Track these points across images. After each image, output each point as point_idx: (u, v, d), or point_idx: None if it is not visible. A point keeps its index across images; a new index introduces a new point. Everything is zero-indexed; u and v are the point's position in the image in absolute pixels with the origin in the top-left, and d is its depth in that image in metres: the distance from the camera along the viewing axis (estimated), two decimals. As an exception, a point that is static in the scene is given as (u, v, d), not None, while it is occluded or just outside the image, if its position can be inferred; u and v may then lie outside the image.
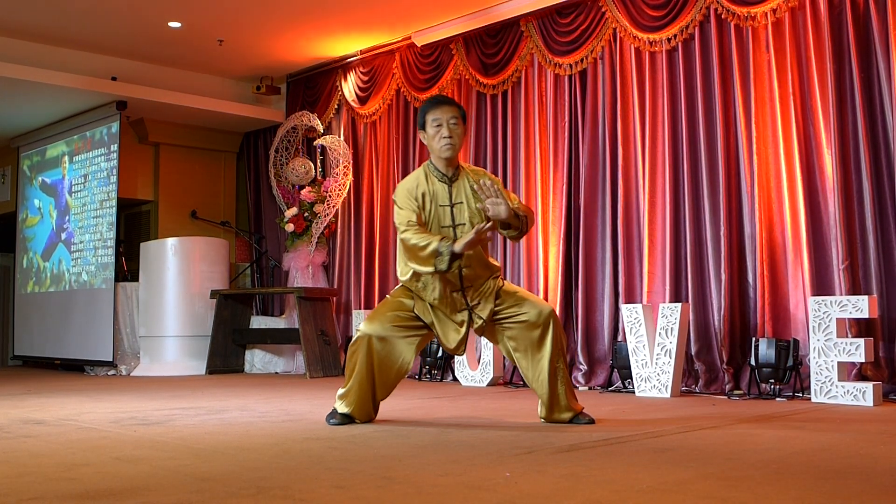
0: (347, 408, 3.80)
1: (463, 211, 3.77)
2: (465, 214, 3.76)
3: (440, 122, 3.74)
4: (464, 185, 3.80)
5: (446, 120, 3.74)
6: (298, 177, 8.17)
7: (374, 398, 3.83)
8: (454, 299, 3.77)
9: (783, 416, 4.04)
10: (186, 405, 4.79)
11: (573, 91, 6.37)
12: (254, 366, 8.01)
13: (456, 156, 3.81)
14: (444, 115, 3.74)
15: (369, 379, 3.77)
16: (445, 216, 3.77)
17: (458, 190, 3.79)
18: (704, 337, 5.51)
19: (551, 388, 3.74)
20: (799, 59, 5.28)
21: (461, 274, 3.75)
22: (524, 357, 3.78)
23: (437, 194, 3.78)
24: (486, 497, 2.22)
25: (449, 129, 3.73)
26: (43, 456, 3.00)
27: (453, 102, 3.83)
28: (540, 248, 6.44)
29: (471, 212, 3.76)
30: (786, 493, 2.24)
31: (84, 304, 8.44)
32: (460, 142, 3.79)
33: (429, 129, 3.77)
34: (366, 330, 3.77)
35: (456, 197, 3.78)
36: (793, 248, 5.23)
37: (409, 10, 6.95)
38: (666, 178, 5.76)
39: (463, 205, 3.78)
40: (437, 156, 3.79)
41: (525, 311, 3.74)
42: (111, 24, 7.28)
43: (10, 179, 10.34)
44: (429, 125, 3.77)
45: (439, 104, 3.78)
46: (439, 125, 3.74)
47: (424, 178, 3.81)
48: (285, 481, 2.45)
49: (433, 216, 3.78)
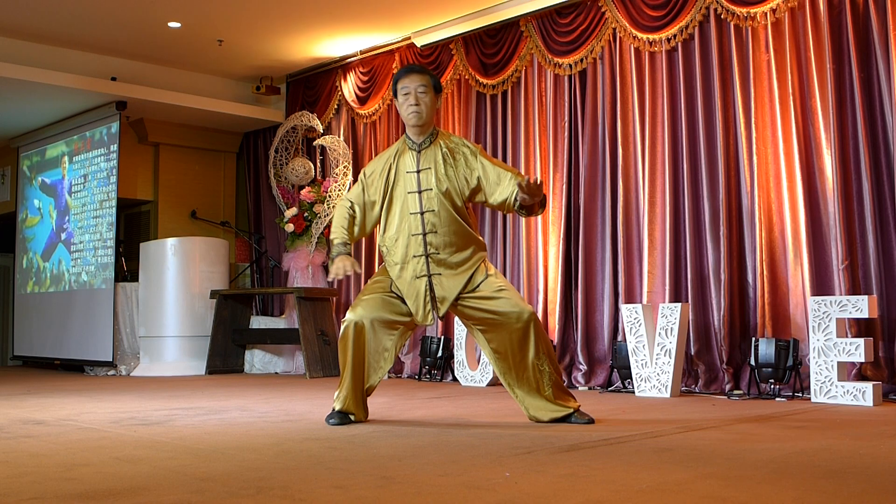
0: (342, 403, 3.81)
1: (430, 177, 3.79)
2: (431, 180, 3.78)
3: (408, 90, 3.78)
4: (434, 152, 3.82)
5: (414, 88, 3.78)
6: (298, 177, 8.18)
7: (365, 387, 3.85)
8: (415, 265, 3.78)
9: (783, 416, 4.04)
10: (186, 405, 4.79)
11: (573, 91, 6.37)
12: (254, 366, 8.01)
13: (424, 124, 3.82)
14: (413, 84, 3.78)
15: (360, 365, 3.79)
16: (411, 182, 3.81)
17: (427, 157, 3.81)
18: (704, 337, 5.51)
19: (539, 391, 3.75)
20: (799, 59, 5.28)
21: (425, 239, 3.76)
22: (504, 360, 3.76)
23: (405, 162, 3.83)
24: (486, 497, 2.22)
25: (416, 97, 3.77)
26: (43, 456, 3.00)
27: (424, 71, 3.88)
28: (540, 248, 6.44)
29: (437, 178, 3.78)
30: (786, 493, 2.24)
31: (84, 305, 8.44)
32: (429, 110, 3.81)
33: (399, 98, 3.83)
34: (350, 317, 3.81)
35: (423, 164, 3.81)
36: (793, 248, 5.23)
37: (409, 10, 6.95)
38: (666, 178, 5.76)
39: (430, 171, 3.79)
40: (407, 123, 3.84)
41: (501, 309, 3.71)
42: (111, 24, 7.28)
43: (9, 179, 10.34)
44: (399, 94, 3.83)
45: (409, 73, 3.83)
46: (407, 93, 3.79)
47: (395, 149, 3.91)
48: (285, 481, 2.45)
49: (397, 184, 3.83)
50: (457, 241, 3.78)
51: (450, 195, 3.78)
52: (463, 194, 3.81)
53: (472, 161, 3.81)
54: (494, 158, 3.92)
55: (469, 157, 3.82)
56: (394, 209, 3.85)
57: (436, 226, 3.76)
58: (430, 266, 3.77)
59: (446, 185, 3.78)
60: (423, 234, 3.77)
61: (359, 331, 3.78)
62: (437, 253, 3.76)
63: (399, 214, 3.83)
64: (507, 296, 3.73)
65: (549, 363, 3.75)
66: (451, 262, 3.77)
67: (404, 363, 7.11)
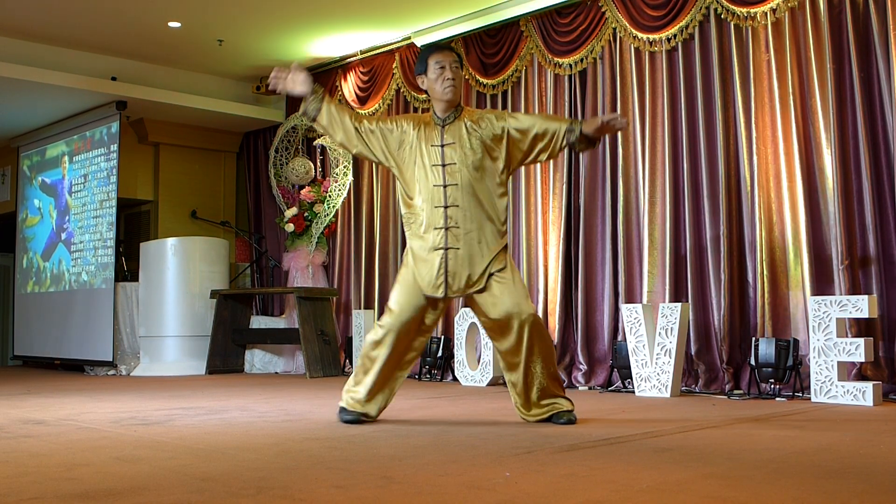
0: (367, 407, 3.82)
1: (454, 152, 3.76)
2: (455, 155, 3.75)
3: (443, 64, 3.79)
4: (459, 126, 3.79)
5: (449, 63, 3.80)
6: (298, 177, 8.18)
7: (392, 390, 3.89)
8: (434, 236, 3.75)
9: (783, 416, 4.04)
10: (186, 405, 4.79)
11: (573, 91, 6.37)
12: (254, 366, 8.01)
13: (457, 98, 3.84)
14: (447, 59, 3.81)
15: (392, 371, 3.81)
16: (436, 155, 3.78)
17: (452, 132, 3.79)
18: (704, 337, 5.51)
19: (526, 391, 3.77)
20: (799, 59, 5.28)
21: (446, 212, 3.73)
22: (501, 355, 3.80)
23: (430, 136, 3.81)
24: (486, 497, 2.22)
25: (452, 71, 3.79)
26: (43, 456, 3.00)
27: (454, 49, 3.94)
28: (540, 248, 6.44)
29: (464, 152, 3.75)
30: (786, 493, 2.24)
31: (84, 304, 8.44)
32: (461, 85, 3.86)
33: (431, 73, 3.81)
34: (388, 325, 3.77)
35: (447, 138, 3.78)
36: (793, 248, 5.23)
37: (409, 10, 6.95)
38: (666, 178, 5.76)
39: (455, 145, 3.76)
40: (438, 98, 3.81)
41: (503, 306, 3.70)
42: (111, 24, 7.28)
43: (10, 179, 10.35)
44: (431, 69, 3.81)
45: (442, 49, 3.87)
46: (442, 67, 3.79)
47: (422, 119, 3.88)
48: (285, 481, 2.45)
49: (421, 155, 3.79)
50: (478, 220, 3.74)
51: (480, 169, 3.75)
52: (496, 161, 3.77)
53: (498, 120, 3.80)
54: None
55: (495, 119, 3.80)
56: (417, 178, 3.80)
57: (458, 200, 3.72)
58: (448, 239, 3.72)
59: (472, 158, 3.74)
60: (445, 207, 3.72)
61: (395, 337, 3.76)
62: (456, 227, 3.72)
63: (423, 185, 3.78)
64: (511, 293, 3.71)
65: (543, 366, 3.73)
66: (469, 239, 3.72)
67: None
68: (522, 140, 3.78)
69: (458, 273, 3.72)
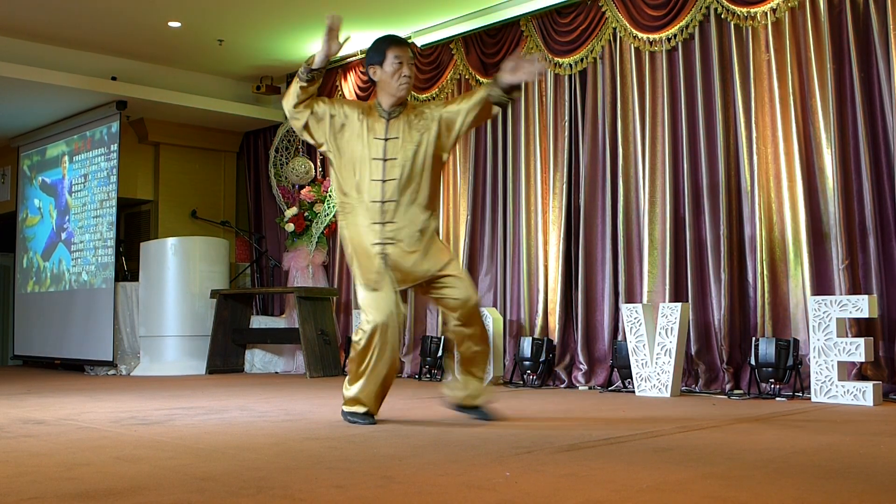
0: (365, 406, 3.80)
1: (397, 146, 3.76)
2: (398, 150, 3.75)
3: (401, 60, 3.77)
4: (403, 121, 3.79)
5: (406, 59, 3.79)
6: (298, 176, 8.18)
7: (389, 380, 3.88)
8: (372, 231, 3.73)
9: (783, 416, 4.04)
10: (186, 405, 4.79)
11: (573, 91, 6.37)
12: (254, 366, 8.02)
13: (408, 96, 3.86)
14: (405, 55, 3.79)
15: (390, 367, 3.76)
16: (378, 149, 3.76)
17: (396, 126, 3.78)
18: (704, 337, 5.51)
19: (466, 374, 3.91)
20: (799, 59, 5.28)
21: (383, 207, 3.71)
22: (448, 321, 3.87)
23: (374, 127, 3.78)
24: (486, 497, 2.22)
25: (409, 68, 3.78)
26: (43, 456, 3.00)
27: (411, 45, 3.94)
28: (540, 248, 6.44)
29: (405, 144, 3.76)
30: (786, 492, 2.24)
31: (84, 304, 8.44)
32: (413, 82, 3.86)
33: (388, 66, 3.77)
34: (378, 319, 3.69)
35: (391, 132, 3.77)
36: (793, 247, 5.23)
37: (409, 10, 6.95)
38: (666, 178, 5.76)
39: (398, 140, 3.76)
40: (390, 92, 3.78)
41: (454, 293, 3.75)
42: (111, 24, 7.28)
43: (10, 179, 10.35)
44: (389, 61, 3.77)
45: (401, 44, 3.83)
46: (400, 63, 3.77)
47: (366, 110, 3.82)
48: (285, 481, 2.45)
49: (363, 145, 3.77)
50: (414, 214, 3.75)
51: (420, 163, 3.76)
52: (435, 146, 3.79)
53: (434, 110, 3.84)
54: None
55: (432, 108, 3.84)
56: (356, 170, 3.77)
57: (395, 195, 3.71)
58: (385, 234, 3.72)
59: (413, 153, 3.75)
60: (382, 202, 3.71)
61: (386, 331, 3.70)
62: (393, 222, 3.71)
63: (361, 177, 3.75)
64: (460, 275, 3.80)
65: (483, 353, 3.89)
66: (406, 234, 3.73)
67: (404, 363, 7.11)
68: (455, 121, 3.82)
69: (398, 265, 3.72)
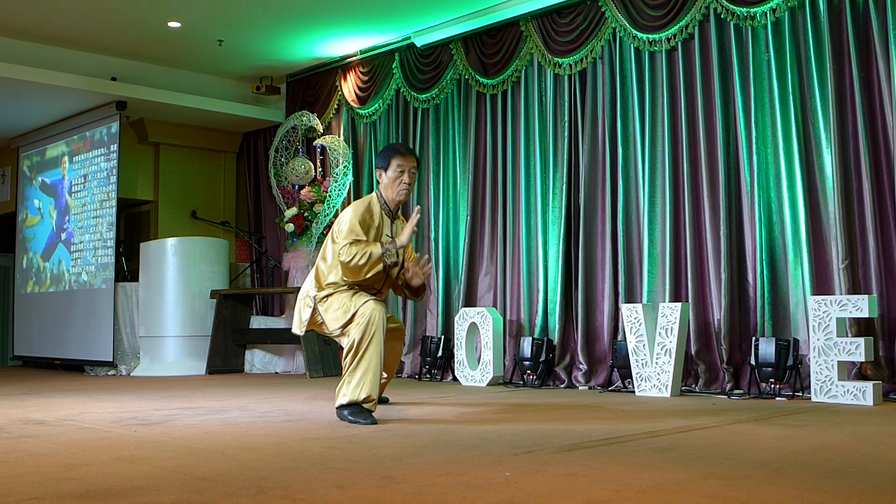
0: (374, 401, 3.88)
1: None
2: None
3: (403, 169, 4.20)
4: (397, 224, 4.30)
5: (408, 168, 4.21)
6: (298, 177, 8.17)
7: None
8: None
9: (783, 416, 4.04)
10: (186, 405, 4.79)
11: (573, 91, 6.37)
12: (254, 366, 8.01)
13: (406, 200, 4.31)
14: (408, 164, 4.22)
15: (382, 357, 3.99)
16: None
17: (396, 226, 4.29)
18: (704, 336, 5.51)
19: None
20: (799, 59, 5.28)
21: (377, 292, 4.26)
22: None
23: (384, 224, 4.24)
24: (486, 497, 2.22)
25: (409, 176, 4.22)
26: (43, 456, 3.00)
27: (414, 153, 4.36)
28: (540, 248, 6.44)
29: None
30: (786, 492, 2.24)
31: (84, 304, 8.44)
32: (412, 189, 4.35)
33: (391, 172, 4.21)
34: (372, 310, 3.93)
35: (395, 232, 4.26)
36: (793, 247, 5.23)
37: (409, 10, 6.95)
38: (666, 178, 5.76)
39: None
40: (391, 197, 4.24)
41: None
42: (111, 24, 7.28)
43: (10, 179, 10.35)
44: (392, 168, 4.21)
45: (407, 153, 4.25)
46: (402, 171, 4.20)
47: (378, 209, 4.24)
48: (285, 481, 2.45)
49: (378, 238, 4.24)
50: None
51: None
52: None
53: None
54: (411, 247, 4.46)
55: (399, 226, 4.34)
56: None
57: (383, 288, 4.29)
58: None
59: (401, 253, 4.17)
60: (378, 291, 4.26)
61: (380, 320, 3.94)
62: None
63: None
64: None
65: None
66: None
67: (404, 363, 7.11)
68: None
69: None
